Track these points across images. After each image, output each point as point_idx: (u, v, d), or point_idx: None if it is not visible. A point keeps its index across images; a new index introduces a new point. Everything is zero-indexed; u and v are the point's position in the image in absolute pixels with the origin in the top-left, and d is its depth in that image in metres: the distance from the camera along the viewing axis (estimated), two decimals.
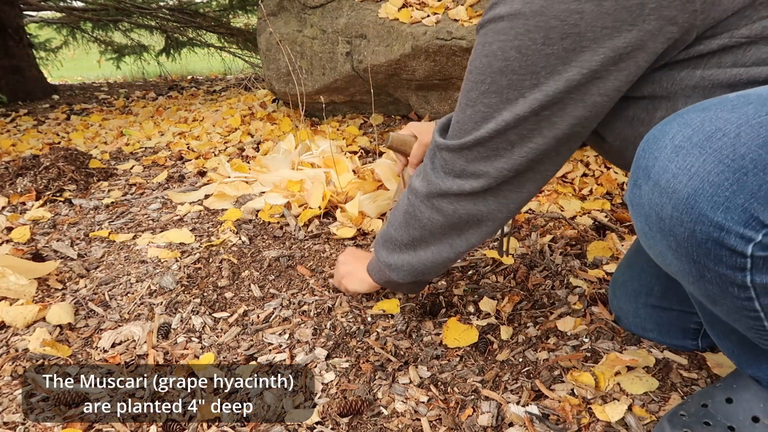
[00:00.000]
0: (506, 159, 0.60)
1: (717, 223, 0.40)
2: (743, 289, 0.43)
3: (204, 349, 0.89)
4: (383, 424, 0.72)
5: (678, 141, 0.42)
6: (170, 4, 5.06)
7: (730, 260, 0.41)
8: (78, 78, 6.48)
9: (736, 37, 0.49)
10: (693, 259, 0.43)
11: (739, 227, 0.39)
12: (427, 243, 0.75)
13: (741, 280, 0.42)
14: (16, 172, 1.79)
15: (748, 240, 0.40)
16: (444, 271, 0.85)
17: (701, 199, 0.40)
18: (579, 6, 0.48)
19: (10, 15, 3.98)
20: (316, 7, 2.17)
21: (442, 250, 0.74)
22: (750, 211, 0.39)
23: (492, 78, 0.56)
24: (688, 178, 0.41)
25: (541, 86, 0.53)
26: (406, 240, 0.77)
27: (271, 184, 1.59)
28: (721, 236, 0.40)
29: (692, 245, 0.42)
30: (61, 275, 1.15)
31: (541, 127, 0.56)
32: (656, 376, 0.77)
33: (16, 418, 0.76)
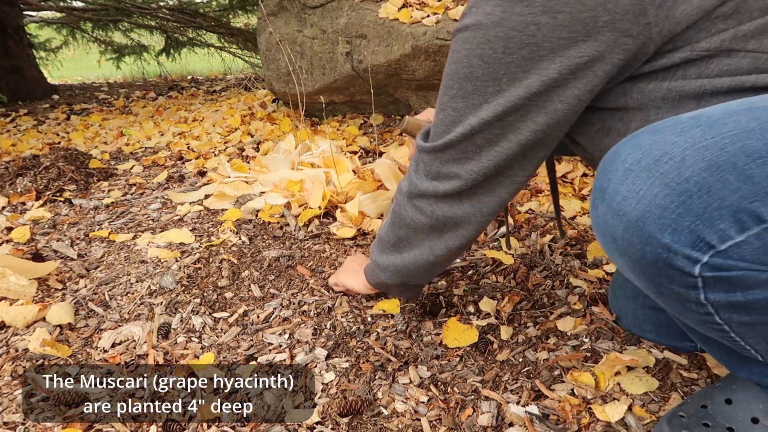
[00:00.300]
0: (475, 162, 0.62)
1: (665, 244, 0.41)
2: (700, 305, 0.44)
3: (204, 349, 0.89)
4: (383, 424, 0.72)
5: (628, 164, 0.44)
6: (170, 4, 5.05)
7: (682, 280, 0.42)
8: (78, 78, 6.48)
9: (696, 50, 0.50)
10: (648, 278, 0.45)
11: (686, 249, 0.41)
12: (411, 244, 0.77)
13: (696, 298, 0.43)
14: (16, 172, 1.79)
15: (695, 261, 0.41)
16: (431, 277, 0.85)
17: (649, 221, 0.41)
18: (535, 18, 0.51)
19: (10, 15, 3.98)
20: (316, 7, 2.17)
21: (423, 252, 0.76)
22: (696, 233, 0.40)
23: (459, 84, 0.59)
24: (637, 201, 0.42)
25: (504, 92, 0.56)
26: (393, 240, 0.79)
27: (271, 184, 1.59)
28: (669, 257, 0.41)
29: (645, 265, 0.44)
30: (61, 275, 1.15)
31: (506, 132, 0.59)
32: (656, 376, 0.77)
33: (16, 418, 0.76)
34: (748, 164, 0.39)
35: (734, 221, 0.39)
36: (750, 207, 0.38)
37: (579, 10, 0.49)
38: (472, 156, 0.62)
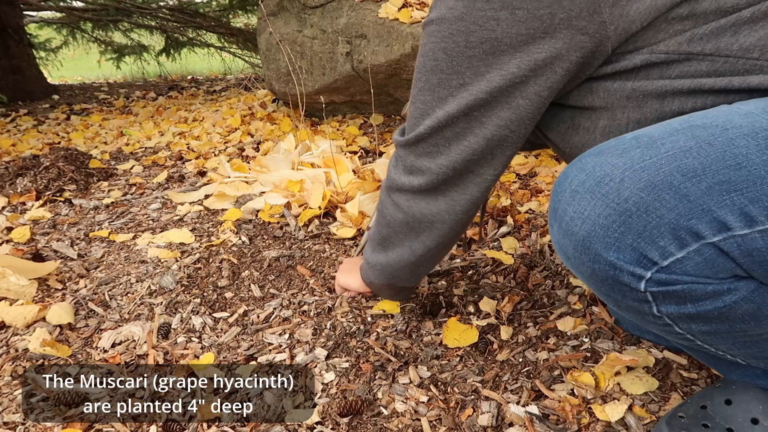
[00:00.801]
0: (445, 156, 0.63)
1: (610, 262, 0.43)
2: (657, 317, 0.46)
3: (204, 349, 0.89)
4: (383, 424, 0.72)
5: (574, 186, 0.46)
6: (170, 4, 5.05)
7: (632, 295, 0.44)
8: (78, 78, 6.48)
9: (656, 53, 0.51)
10: (604, 293, 0.46)
11: (630, 266, 0.42)
12: (393, 243, 0.77)
13: (650, 311, 0.45)
14: (16, 172, 1.79)
15: (639, 278, 0.42)
16: (416, 279, 0.84)
17: (595, 240, 0.43)
18: (495, 14, 0.52)
19: (10, 15, 3.98)
20: (316, 7, 2.17)
21: (404, 252, 0.76)
22: (639, 250, 0.41)
23: (426, 77, 0.60)
24: (582, 221, 0.43)
25: (468, 86, 0.56)
26: (378, 238, 0.79)
27: (271, 184, 1.59)
28: (616, 275, 0.43)
29: (597, 282, 0.45)
30: (61, 275, 1.15)
31: (472, 126, 0.59)
32: (656, 376, 0.77)
33: (16, 418, 0.76)
34: (683, 183, 0.40)
35: (674, 238, 0.40)
36: (688, 224, 0.40)
37: (536, 7, 0.50)
38: (442, 150, 0.63)
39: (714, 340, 0.49)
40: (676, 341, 0.53)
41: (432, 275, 1.08)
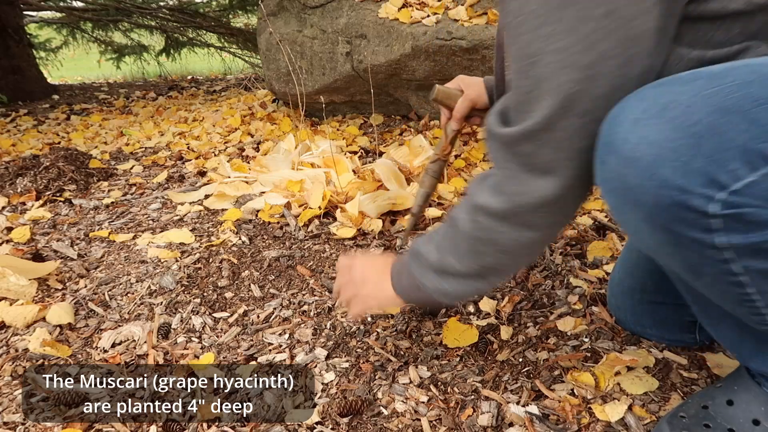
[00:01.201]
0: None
1: (679, 186, 0.41)
2: (717, 251, 0.44)
3: (204, 349, 0.89)
4: (383, 424, 0.72)
5: (636, 114, 0.44)
6: (170, 4, 5.05)
7: (698, 222, 0.42)
8: (78, 78, 6.48)
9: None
10: (664, 227, 0.44)
11: (701, 188, 0.41)
12: (507, 267, 0.63)
13: (711, 242, 0.43)
14: (16, 172, 1.79)
15: (709, 199, 0.41)
16: None
17: (662, 164, 0.42)
18: None
19: (10, 15, 3.98)
20: (316, 7, 2.17)
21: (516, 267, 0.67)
22: (709, 174, 0.40)
23: (551, 16, 0.45)
24: (648, 146, 0.42)
25: (618, 11, 0.45)
26: (476, 269, 0.62)
27: (271, 184, 1.59)
28: (684, 198, 0.41)
29: (660, 211, 0.43)
30: (61, 275, 1.15)
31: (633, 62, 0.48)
32: (656, 376, 0.77)
33: (16, 418, 0.76)
34: (752, 108, 0.40)
35: (744, 162, 0.40)
36: (759, 147, 0.39)
37: None
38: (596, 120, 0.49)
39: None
40: (719, 296, 0.50)
41: None
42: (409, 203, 1.36)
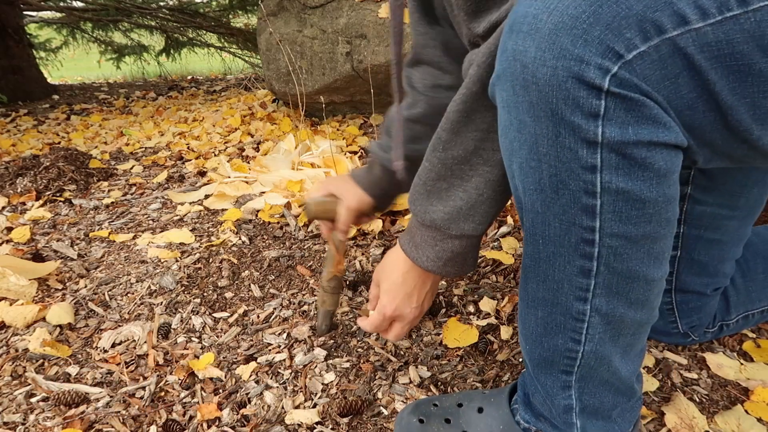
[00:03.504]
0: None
1: (577, 55, 0.40)
2: (592, 149, 0.42)
3: (204, 349, 0.89)
4: (383, 424, 0.72)
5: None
6: (170, 4, 5.05)
7: (587, 103, 0.41)
8: (78, 78, 6.48)
9: None
10: (551, 110, 0.43)
11: (598, 58, 0.40)
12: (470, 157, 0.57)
13: (594, 134, 0.42)
14: (16, 172, 1.79)
15: (605, 71, 0.40)
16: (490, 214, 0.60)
17: (562, 32, 0.41)
18: None
19: (10, 15, 3.98)
20: (316, 7, 2.17)
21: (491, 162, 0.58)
22: (606, 42, 0.40)
23: None
24: (549, 15, 0.41)
25: None
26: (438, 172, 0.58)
27: (271, 184, 1.59)
28: (581, 69, 0.40)
29: (553, 88, 0.42)
30: (61, 275, 1.15)
31: None
32: (656, 376, 0.77)
33: (16, 418, 0.76)
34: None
35: (639, 30, 0.39)
36: (653, 16, 0.39)
37: None
38: None
39: (627, 208, 0.45)
40: (563, 235, 0.48)
41: None
42: None
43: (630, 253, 0.46)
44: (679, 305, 0.77)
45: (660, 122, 0.41)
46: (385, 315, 0.66)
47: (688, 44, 0.39)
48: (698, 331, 0.79)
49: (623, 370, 0.54)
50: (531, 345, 0.57)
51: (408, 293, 0.64)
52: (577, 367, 0.54)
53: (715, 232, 0.71)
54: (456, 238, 0.59)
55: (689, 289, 0.75)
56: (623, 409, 0.58)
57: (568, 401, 0.56)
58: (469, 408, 0.66)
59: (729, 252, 0.74)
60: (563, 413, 0.57)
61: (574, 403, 0.56)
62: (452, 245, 0.59)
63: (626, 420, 0.59)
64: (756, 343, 0.84)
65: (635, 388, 0.57)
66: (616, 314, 0.50)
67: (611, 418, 0.58)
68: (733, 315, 0.79)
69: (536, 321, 0.55)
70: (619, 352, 0.53)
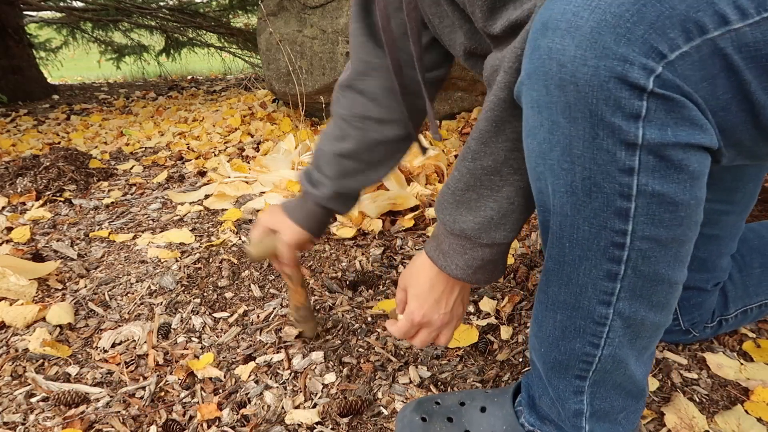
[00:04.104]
0: None
1: (621, 55, 0.39)
2: (631, 152, 0.42)
3: (204, 349, 0.89)
4: (383, 424, 0.72)
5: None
6: (170, 4, 5.06)
7: (629, 104, 0.40)
8: (78, 78, 6.48)
9: None
10: (590, 111, 0.42)
11: (642, 58, 0.39)
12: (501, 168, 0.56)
13: (633, 136, 0.41)
14: (16, 172, 1.79)
15: (650, 71, 0.39)
16: (519, 222, 0.60)
17: (605, 30, 0.39)
18: None
19: (10, 15, 3.98)
20: (316, 7, 2.17)
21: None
22: (650, 42, 0.39)
23: None
24: (590, 12, 0.40)
25: None
26: (466, 183, 0.57)
27: (271, 184, 1.59)
28: (625, 69, 0.39)
29: (593, 89, 0.41)
30: (61, 275, 1.15)
31: None
32: (656, 376, 0.77)
33: (16, 418, 0.76)
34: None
35: (682, 30, 0.39)
36: (695, 17, 0.39)
37: None
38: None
39: (660, 211, 0.44)
40: (592, 242, 0.47)
41: None
42: (409, 203, 1.36)
43: (658, 257, 0.46)
44: (681, 302, 0.77)
45: (697, 124, 0.41)
46: (413, 321, 0.64)
47: (727, 45, 0.39)
48: (698, 327, 0.79)
49: (638, 372, 0.54)
50: (547, 348, 0.56)
51: (436, 299, 0.63)
52: (592, 372, 0.54)
53: (713, 228, 0.72)
54: (486, 247, 0.58)
55: (690, 285, 0.75)
56: (630, 411, 0.58)
57: (579, 406, 0.56)
58: (471, 407, 0.66)
59: (726, 247, 0.75)
60: (573, 417, 0.57)
61: (585, 408, 0.56)
62: (482, 253, 0.58)
63: (630, 422, 0.59)
64: (756, 343, 0.84)
65: (646, 390, 0.58)
66: (638, 318, 0.49)
67: (617, 421, 0.58)
68: (732, 310, 0.79)
69: (554, 324, 0.54)
70: (635, 354, 0.53)
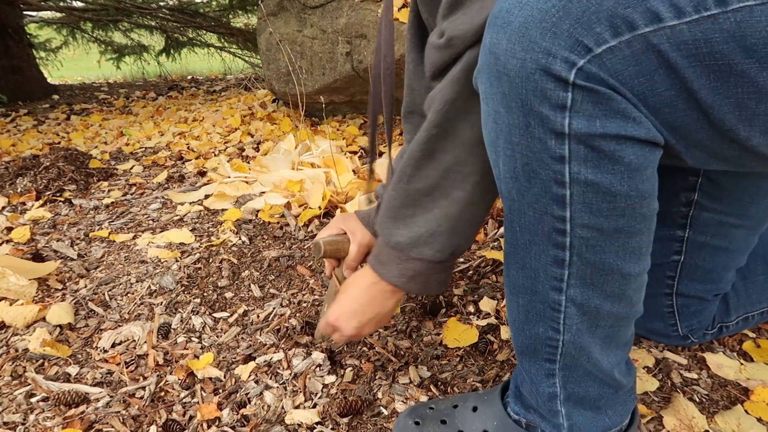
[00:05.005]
0: None
1: (545, 48, 0.41)
2: (560, 140, 0.43)
3: (204, 349, 0.89)
4: (383, 424, 0.72)
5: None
6: (170, 4, 5.05)
7: (554, 95, 0.42)
8: (78, 78, 6.48)
9: None
10: (521, 101, 0.44)
11: (565, 51, 0.41)
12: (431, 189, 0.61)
13: (561, 125, 0.43)
14: (16, 172, 1.79)
15: (572, 64, 0.41)
16: (465, 239, 0.63)
17: (531, 25, 0.41)
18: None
19: (10, 15, 3.98)
20: (316, 7, 2.17)
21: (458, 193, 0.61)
22: (575, 36, 0.40)
23: None
24: (520, 9, 0.42)
25: None
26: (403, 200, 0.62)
27: (271, 184, 1.59)
28: (548, 62, 0.41)
29: (522, 79, 0.43)
30: (61, 275, 1.15)
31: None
32: (656, 376, 0.77)
33: (16, 418, 0.76)
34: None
35: (609, 25, 0.40)
36: (624, 13, 0.39)
37: None
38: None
39: (597, 200, 0.45)
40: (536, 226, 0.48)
41: None
42: None
43: (603, 246, 0.47)
44: (680, 309, 0.76)
45: (629, 117, 0.42)
46: (328, 321, 0.70)
47: (662, 41, 0.39)
48: (697, 334, 0.79)
49: (604, 361, 0.54)
50: (515, 332, 0.59)
51: (354, 311, 0.68)
52: (560, 355, 0.55)
53: (722, 240, 0.71)
54: (417, 260, 0.62)
55: (691, 294, 0.75)
56: (610, 400, 0.58)
57: (552, 389, 0.57)
58: (464, 408, 0.66)
59: (734, 260, 0.74)
60: (548, 401, 0.58)
61: (558, 391, 0.57)
62: (414, 265, 0.63)
63: (618, 413, 0.59)
64: (756, 343, 0.84)
65: (620, 381, 0.57)
66: (592, 306, 0.50)
67: (600, 409, 0.58)
68: (733, 317, 0.79)
69: (518, 309, 0.57)
70: (599, 343, 0.53)
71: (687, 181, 0.68)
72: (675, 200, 0.70)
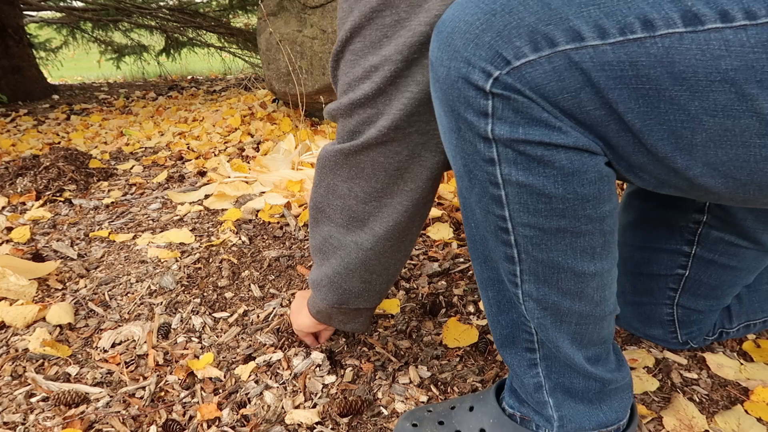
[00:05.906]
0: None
1: (466, 57, 0.42)
2: (487, 144, 0.44)
3: (204, 349, 0.89)
4: (383, 424, 0.72)
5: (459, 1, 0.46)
6: (170, 4, 5.05)
7: (476, 102, 0.43)
8: (78, 78, 6.48)
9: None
10: (450, 106, 0.45)
11: (484, 62, 0.41)
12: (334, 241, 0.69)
13: (485, 131, 0.43)
14: (16, 172, 1.79)
15: (488, 75, 0.41)
16: (372, 294, 0.71)
17: (456, 36, 0.43)
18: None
19: (10, 15, 3.98)
20: (316, 7, 2.17)
21: (349, 249, 0.69)
22: (495, 48, 0.41)
23: None
24: (450, 20, 0.44)
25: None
26: (316, 244, 0.71)
27: (271, 184, 1.59)
28: (468, 71, 0.42)
29: (448, 86, 0.44)
30: (61, 275, 1.15)
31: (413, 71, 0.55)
32: (656, 376, 0.77)
33: (16, 418, 0.76)
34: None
35: (529, 40, 0.40)
36: (545, 29, 0.40)
37: None
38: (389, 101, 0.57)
39: (533, 201, 0.45)
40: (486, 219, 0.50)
41: (432, 275, 1.08)
42: None
43: (549, 244, 0.47)
44: (681, 318, 0.76)
45: (552, 126, 0.42)
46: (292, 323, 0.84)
47: (584, 59, 0.39)
48: (697, 340, 0.79)
49: (575, 357, 0.54)
50: (492, 325, 0.60)
51: (294, 311, 0.84)
52: (537, 344, 0.56)
53: (731, 259, 0.70)
54: (319, 299, 0.73)
55: (693, 307, 0.75)
56: (601, 393, 0.57)
57: (537, 379, 0.58)
58: (461, 409, 0.67)
59: (742, 279, 0.73)
60: (534, 392, 0.59)
61: (542, 381, 0.58)
62: (316, 303, 0.74)
63: (613, 409, 0.59)
64: (756, 343, 0.84)
65: (602, 376, 0.56)
66: (549, 302, 0.51)
67: (592, 402, 0.58)
68: (735, 324, 0.79)
69: (490, 301, 0.58)
70: (567, 339, 0.53)
71: (695, 202, 0.68)
72: (684, 217, 0.70)
